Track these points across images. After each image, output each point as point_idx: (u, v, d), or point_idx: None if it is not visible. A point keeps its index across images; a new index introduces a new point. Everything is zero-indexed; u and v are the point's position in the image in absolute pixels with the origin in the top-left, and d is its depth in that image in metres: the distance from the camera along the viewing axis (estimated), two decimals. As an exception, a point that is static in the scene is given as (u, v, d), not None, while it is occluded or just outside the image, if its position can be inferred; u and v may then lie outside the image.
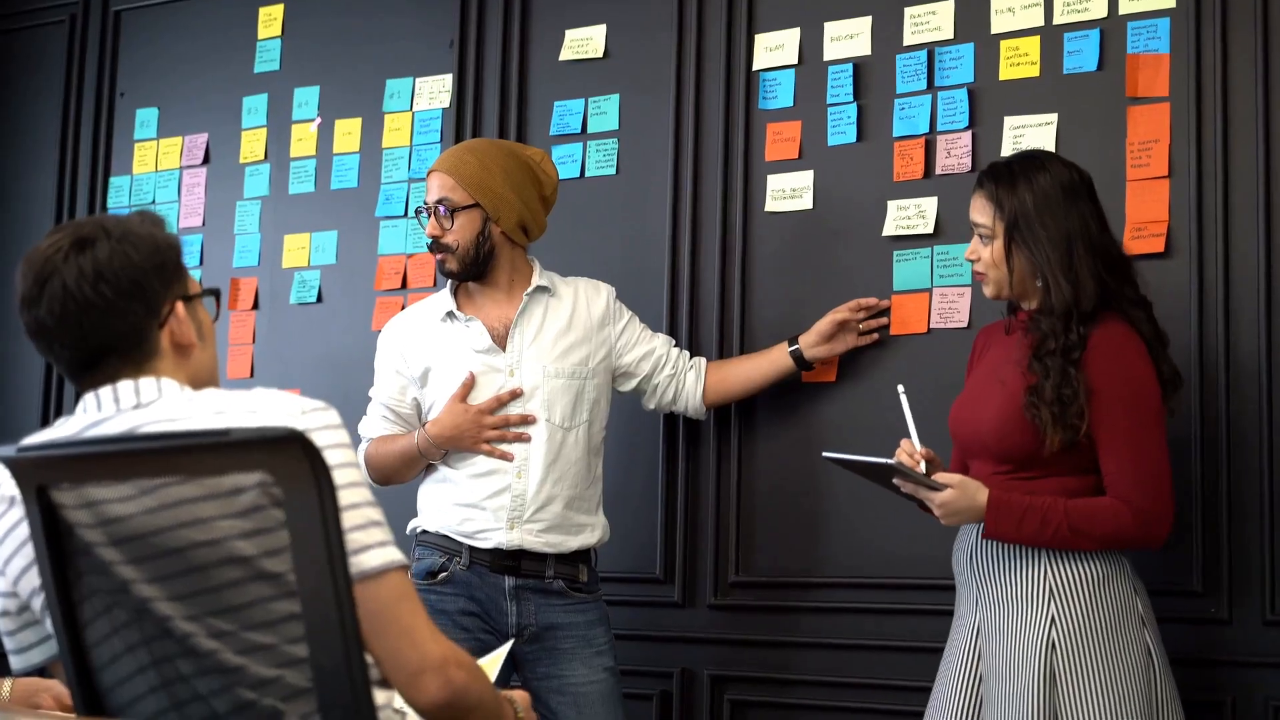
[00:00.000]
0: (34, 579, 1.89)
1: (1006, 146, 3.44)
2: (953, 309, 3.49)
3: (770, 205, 3.76)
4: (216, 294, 2.12)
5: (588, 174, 4.01)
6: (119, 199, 4.74)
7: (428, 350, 3.46)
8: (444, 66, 4.26)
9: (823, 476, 3.57)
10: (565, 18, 4.10)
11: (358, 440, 3.50)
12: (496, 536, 3.35)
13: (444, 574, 3.35)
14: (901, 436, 2.97)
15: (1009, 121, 3.47)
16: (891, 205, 3.59)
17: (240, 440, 1.72)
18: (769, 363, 3.57)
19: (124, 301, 1.92)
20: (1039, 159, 2.95)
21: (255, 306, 4.46)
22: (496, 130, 4.12)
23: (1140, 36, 3.36)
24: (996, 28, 3.53)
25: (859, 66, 3.68)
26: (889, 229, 3.58)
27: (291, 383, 4.26)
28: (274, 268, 4.45)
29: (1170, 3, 3.35)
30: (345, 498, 1.80)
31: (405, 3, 4.36)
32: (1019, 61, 3.49)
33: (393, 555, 1.85)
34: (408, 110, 4.30)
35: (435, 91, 4.26)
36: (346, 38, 4.44)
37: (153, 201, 4.68)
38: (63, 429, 1.95)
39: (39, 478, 1.81)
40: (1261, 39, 3.27)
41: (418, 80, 4.29)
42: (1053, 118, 3.42)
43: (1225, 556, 3.19)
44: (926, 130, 3.57)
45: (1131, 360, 2.85)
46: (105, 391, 1.94)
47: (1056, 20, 3.46)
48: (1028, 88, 3.47)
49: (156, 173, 4.71)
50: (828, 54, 3.72)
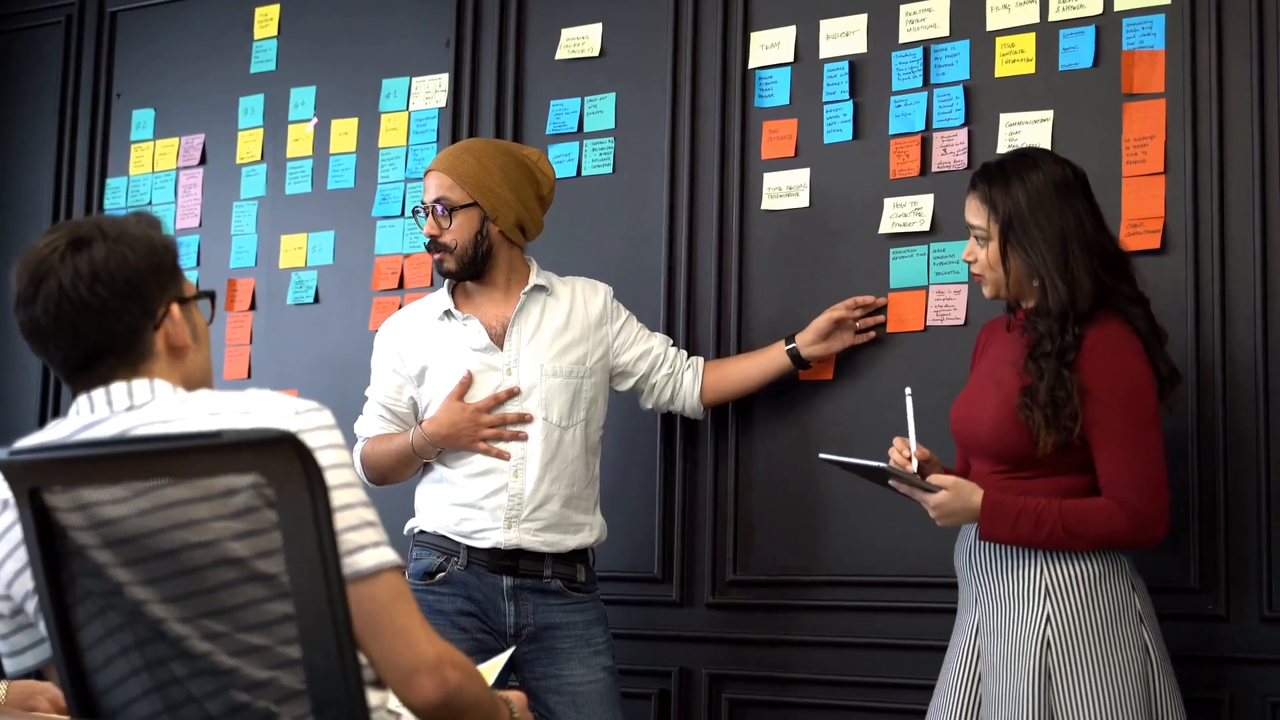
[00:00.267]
0: (28, 582, 1.89)
1: (1002, 143, 3.44)
2: (949, 306, 3.48)
3: (767, 203, 3.75)
4: (212, 296, 2.12)
5: (584, 173, 4.01)
6: (116, 200, 4.74)
7: (425, 349, 3.46)
8: (440, 66, 4.25)
9: (820, 475, 3.57)
10: (561, 16, 4.10)
11: (353, 440, 3.50)
12: (494, 536, 3.34)
13: (441, 574, 3.35)
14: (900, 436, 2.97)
15: (1005, 118, 3.47)
16: (888, 203, 3.58)
17: (233, 442, 1.71)
18: (766, 361, 3.57)
19: (119, 303, 1.92)
20: (1032, 157, 2.93)
21: (252, 307, 4.46)
22: (493, 129, 4.12)
23: (1135, 33, 3.36)
24: (992, 24, 3.52)
25: (855, 64, 3.68)
26: (885, 226, 3.58)
27: (289, 383, 4.26)
28: (271, 268, 4.45)
29: (1165, -1, 3.36)
30: (339, 498, 1.80)
31: (401, 2, 4.35)
32: (1014, 58, 3.48)
33: (387, 555, 1.85)
34: (404, 110, 4.29)
35: (431, 91, 4.26)
36: (342, 38, 4.43)
37: (149, 202, 4.68)
38: (56, 431, 1.95)
39: (32, 480, 1.81)
40: (1256, 34, 3.26)
41: (414, 80, 4.29)
42: (1048, 114, 3.42)
43: (1223, 553, 3.18)
44: (922, 127, 3.57)
45: (1127, 359, 2.84)
46: (99, 393, 1.94)
47: (1052, 17, 3.45)
48: (1023, 84, 3.47)
49: (153, 173, 4.70)
50: (823, 52, 3.72)
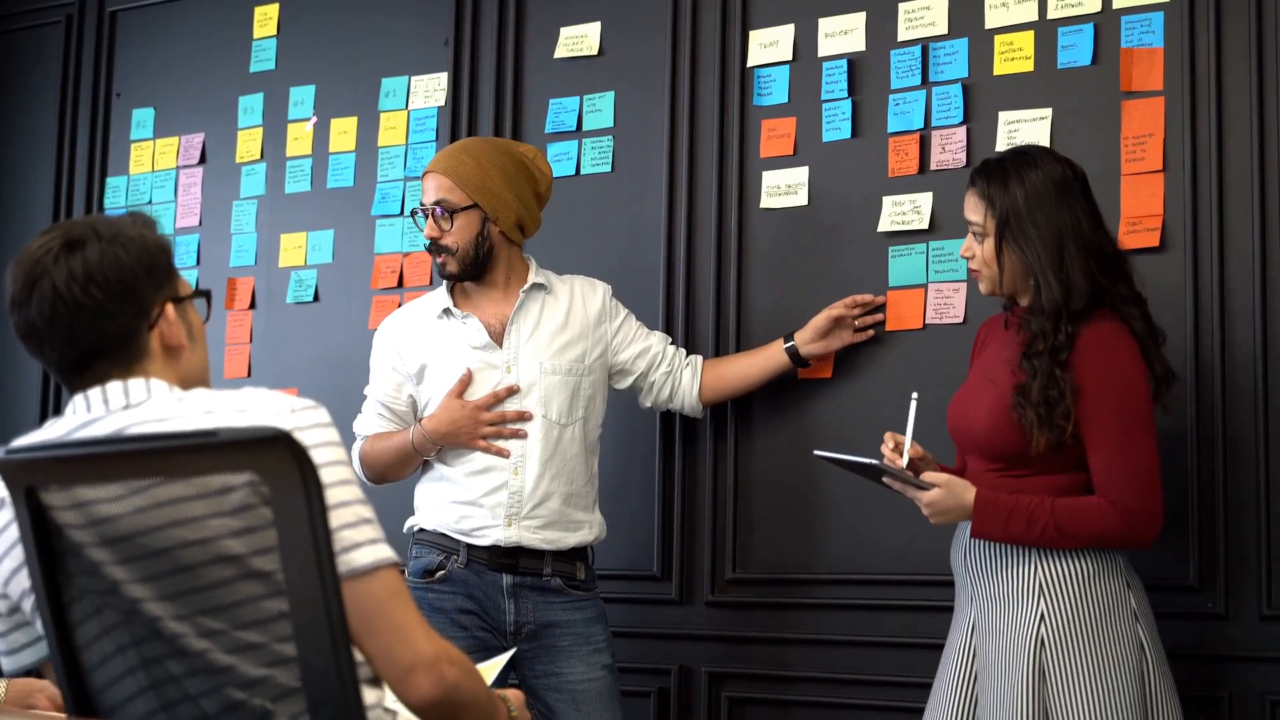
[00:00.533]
0: (24, 580, 1.89)
1: (1001, 141, 3.44)
2: (948, 304, 3.48)
3: (765, 202, 3.75)
4: (208, 296, 2.12)
5: (583, 171, 4.01)
6: (116, 199, 4.74)
7: (424, 347, 3.46)
8: (439, 65, 4.25)
9: (819, 473, 3.57)
10: (560, 15, 4.10)
11: (352, 438, 3.50)
12: (494, 534, 3.35)
13: (441, 572, 3.35)
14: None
15: (1003, 116, 3.46)
16: (886, 201, 3.58)
17: (228, 440, 1.72)
18: (765, 359, 3.57)
19: (114, 303, 1.92)
20: (1031, 155, 2.93)
21: (252, 306, 4.46)
22: (492, 128, 4.12)
23: (1134, 30, 3.36)
24: (990, 23, 3.52)
25: (853, 62, 3.68)
26: (884, 225, 3.58)
27: (289, 382, 4.26)
28: (271, 267, 4.45)
29: (1164, -4, 3.36)
30: (335, 495, 1.80)
31: (400, 1, 4.35)
32: (1013, 56, 3.48)
33: (384, 552, 1.84)
34: (403, 109, 4.30)
35: (431, 90, 4.26)
36: (342, 37, 4.43)
37: (149, 201, 4.68)
38: (52, 430, 1.95)
39: (28, 479, 1.81)
40: (1255, 32, 3.26)
41: (413, 79, 4.29)
42: (1047, 112, 3.42)
43: (1222, 551, 3.18)
44: (921, 126, 3.57)
45: (1121, 359, 2.83)
46: (94, 393, 1.94)
47: (1050, 15, 3.45)
48: (1022, 82, 3.47)
49: (153, 173, 4.71)
50: (822, 50, 3.72)
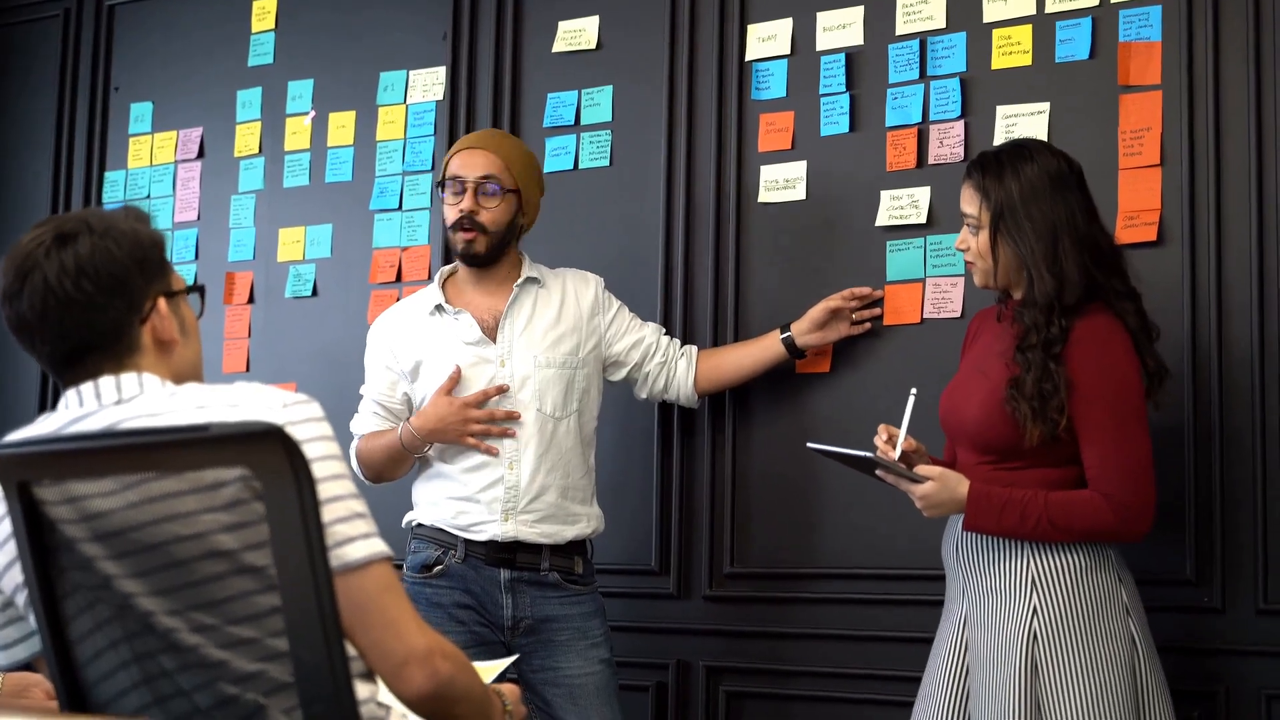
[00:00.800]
0: (17, 575, 1.88)
1: (999, 135, 3.43)
2: (946, 299, 3.48)
3: (764, 196, 3.75)
4: (201, 290, 2.11)
5: (582, 165, 4.00)
6: (114, 194, 4.74)
7: (418, 344, 3.46)
8: (437, 59, 4.25)
9: (817, 467, 3.57)
10: (558, 9, 4.10)
11: (349, 433, 3.50)
12: (491, 529, 3.34)
13: (439, 567, 3.35)
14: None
15: (1001, 111, 3.46)
16: (884, 195, 3.58)
17: (220, 435, 1.71)
18: (761, 349, 3.57)
19: (105, 297, 1.92)
20: (1028, 149, 2.93)
21: (251, 300, 4.46)
22: (490, 122, 4.12)
23: (1132, 24, 3.35)
24: (988, 16, 3.52)
25: (851, 56, 3.68)
26: (882, 219, 3.58)
27: (287, 376, 4.26)
28: (269, 261, 4.45)
29: (1162, -10, 3.35)
30: (328, 490, 1.79)
31: (398, -5, 4.36)
32: (1011, 50, 3.48)
33: (377, 547, 1.84)
34: (402, 103, 4.29)
35: (429, 84, 4.26)
36: (340, 31, 4.43)
37: (147, 196, 4.68)
38: (44, 425, 1.95)
39: (20, 474, 1.81)
40: (1253, 26, 3.26)
41: (411, 73, 4.29)
42: (1045, 106, 3.42)
43: (1218, 546, 3.18)
44: (919, 120, 3.57)
45: (1115, 354, 2.83)
46: (86, 387, 1.94)
47: (1048, 9, 3.45)
48: (1020, 77, 3.46)
49: (151, 167, 4.70)
50: (820, 44, 3.72)
